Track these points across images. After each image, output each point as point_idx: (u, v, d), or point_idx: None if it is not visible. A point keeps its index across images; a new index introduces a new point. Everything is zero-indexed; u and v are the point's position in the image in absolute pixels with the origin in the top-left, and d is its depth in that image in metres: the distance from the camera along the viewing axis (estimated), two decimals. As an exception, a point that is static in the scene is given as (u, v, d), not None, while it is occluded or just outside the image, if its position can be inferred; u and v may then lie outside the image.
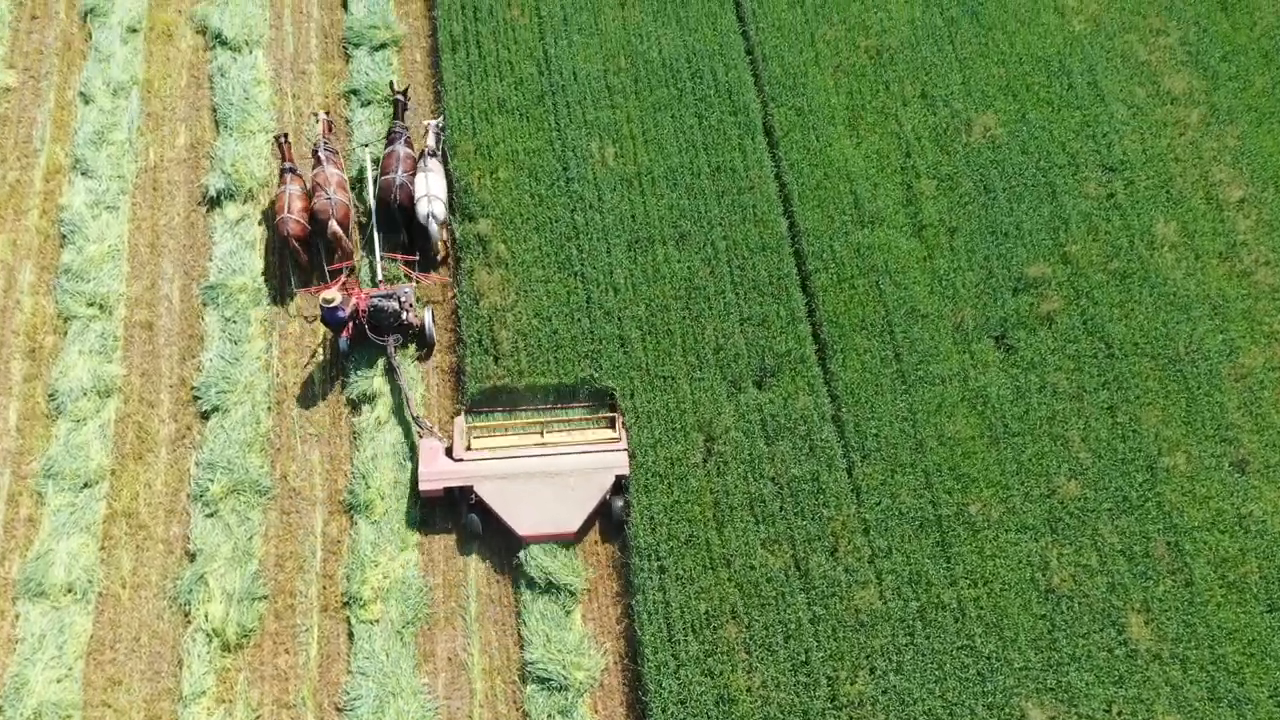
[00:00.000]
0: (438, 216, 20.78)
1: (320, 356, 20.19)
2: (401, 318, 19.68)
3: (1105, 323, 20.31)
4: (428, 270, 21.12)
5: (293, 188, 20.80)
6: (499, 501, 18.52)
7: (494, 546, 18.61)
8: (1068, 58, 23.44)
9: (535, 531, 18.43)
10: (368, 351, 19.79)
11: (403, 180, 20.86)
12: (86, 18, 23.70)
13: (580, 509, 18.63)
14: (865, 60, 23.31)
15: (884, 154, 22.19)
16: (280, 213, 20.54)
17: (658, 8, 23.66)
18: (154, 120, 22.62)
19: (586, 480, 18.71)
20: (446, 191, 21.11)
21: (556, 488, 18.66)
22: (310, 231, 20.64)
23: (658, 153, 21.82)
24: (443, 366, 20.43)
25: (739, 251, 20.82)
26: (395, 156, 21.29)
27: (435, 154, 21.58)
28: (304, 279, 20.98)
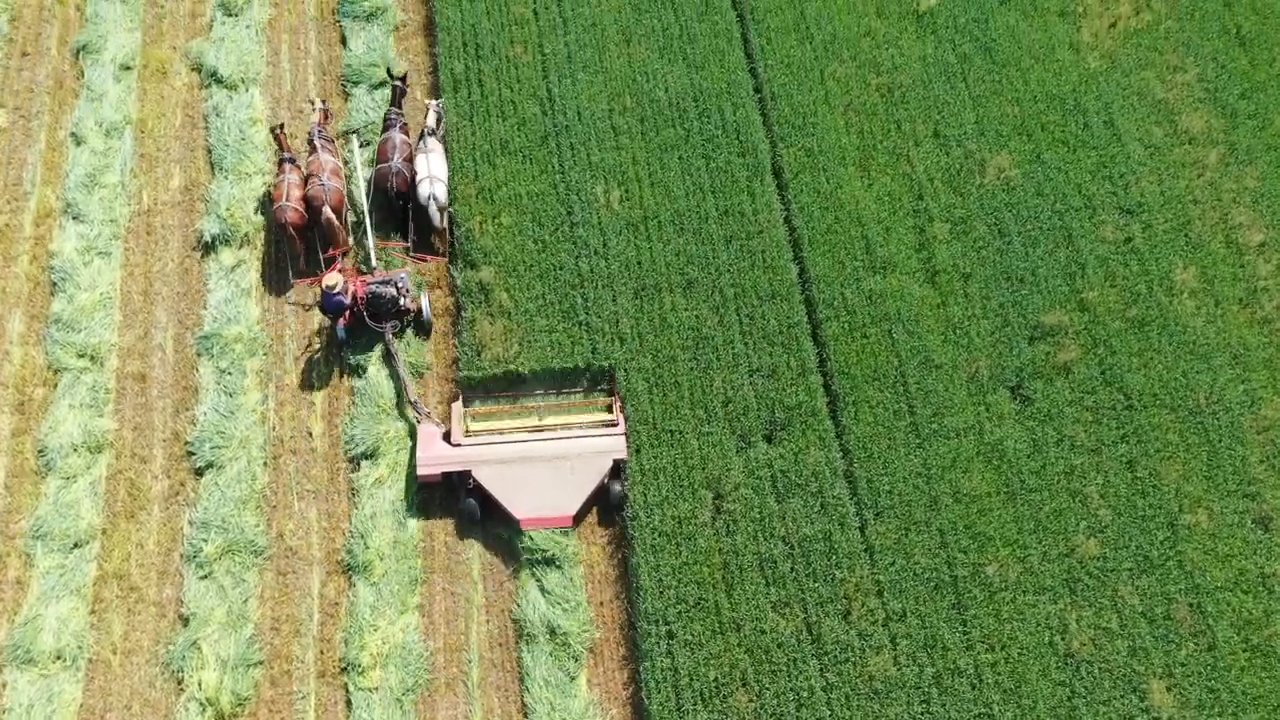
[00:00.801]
0: (439, 199, 20.80)
1: (318, 408, 19.76)
2: (399, 304, 19.91)
3: (1124, 373, 19.90)
4: (425, 253, 21.28)
5: (291, 177, 20.99)
6: (497, 486, 18.69)
7: (496, 609, 18.16)
8: (1083, 96, 23.06)
9: (533, 516, 18.56)
10: (368, 407, 19.36)
11: (399, 168, 20.93)
12: (79, 55, 23.32)
13: (578, 493, 18.76)
14: (876, 98, 22.92)
15: (896, 196, 21.80)
16: (278, 201, 20.67)
17: (664, 44, 23.29)
18: (147, 161, 22.22)
19: (584, 464, 18.89)
20: (447, 173, 21.23)
21: (555, 472, 18.83)
22: (308, 221, 20.78)
23: (664, 196, 21.44)
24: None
25: (748, 299, 20.42)
26: (391, 143, 21.28)
27: (435, 133, 21.55)
28: (302, 269, 21.13)
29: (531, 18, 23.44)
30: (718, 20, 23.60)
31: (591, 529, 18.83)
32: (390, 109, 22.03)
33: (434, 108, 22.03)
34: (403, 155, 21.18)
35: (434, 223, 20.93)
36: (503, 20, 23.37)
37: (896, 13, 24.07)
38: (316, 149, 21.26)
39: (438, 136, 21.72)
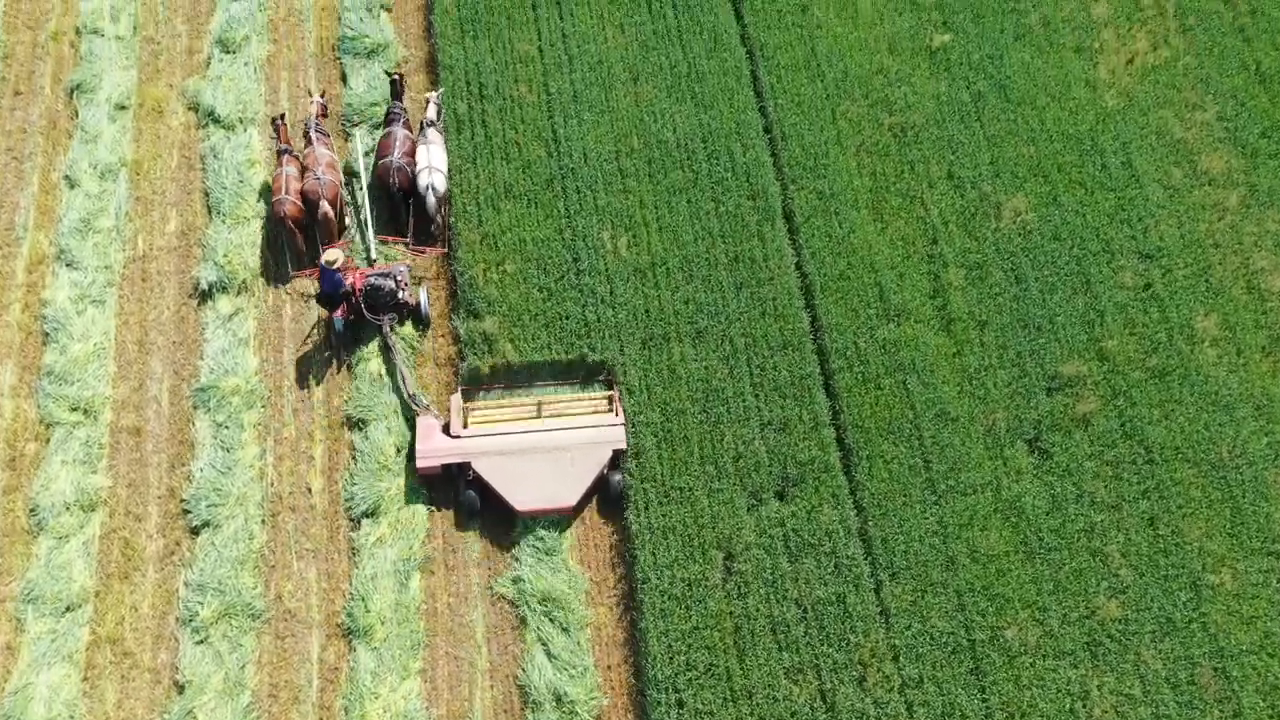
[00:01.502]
0: (437, 189, 20.81)
1: (318, 463, 19.33)
2: (397, 296, 20.02)
3: (1144, 425, 19.53)
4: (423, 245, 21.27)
5: (289, 169, 21.01)
6: (496, 477, 18.77)
7: (500, 674, 17.72)
8: (1100, 135, 22.68)
9: (533, 507, 18.66)
10: (369, 463, 18.93)
11: (401, 164, 20.96)
12: (73, 94, 22.88)
13: (578, 483, 18.84)
14: (889, 139, 22.53)
15: (910, 240, 21.41)
16: (277, 194, 20.67)
17: (671, 82, 22.88)
18: (143, 205, 21.80)
19: (584, 455, 19.00)
20: (446, 164, 21.29)
21: (554, 463, 18.92)
22: (307, 213, 20.78)
23: (672, 241, 21.04)
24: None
25: (759, 349, 20.01)
26: (393, 138, 21.31)
27: (435, 125, 21.59)
28: (300, 263, 21.18)
29: (536, 55, 23.04)
30: (726, 57, 23.20)
31: (600, 589, 18.40)
32: (392, 103, 22.10)
33: (434, 99, 22.09)
34: (404, 150, 21.22)
35: (429, 212, 20.97)
36: (507, 58, 22.96)
37: (909, 49, 23.68)
38: (312, 142, 21.33)
39: (437, 128, 21.79)
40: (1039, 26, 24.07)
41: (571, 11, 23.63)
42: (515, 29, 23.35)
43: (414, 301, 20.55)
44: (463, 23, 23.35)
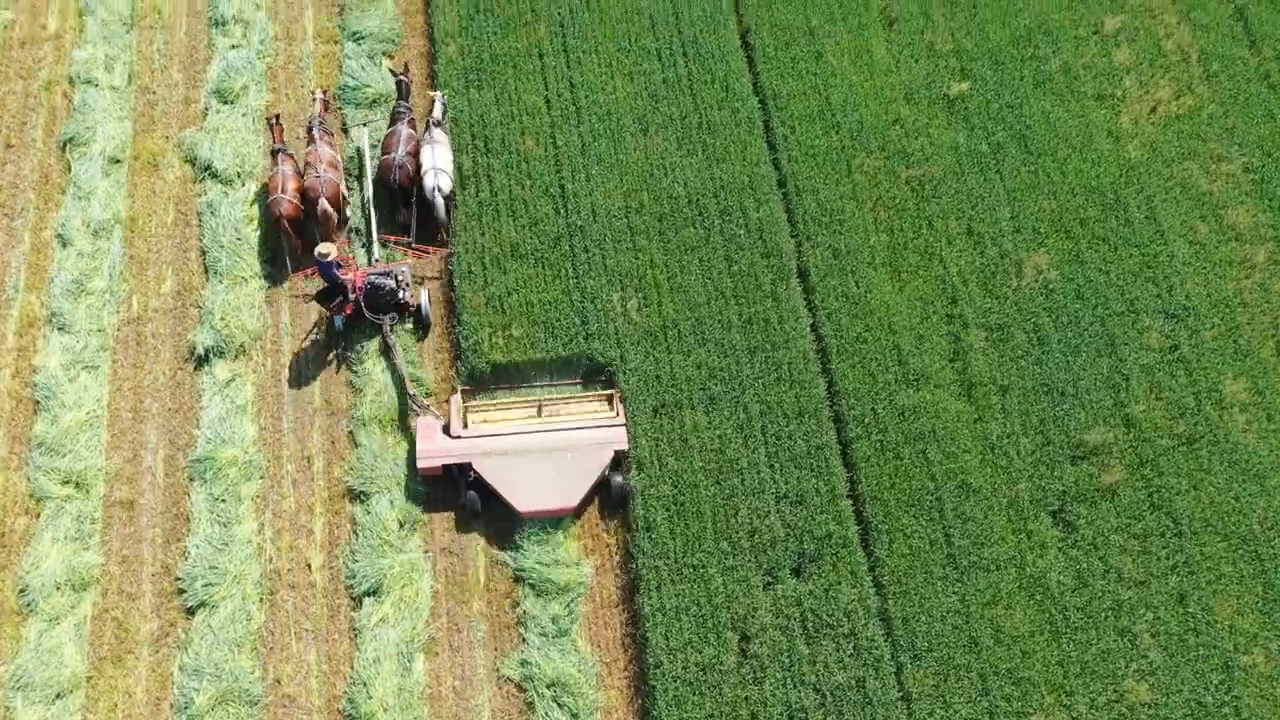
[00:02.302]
0: (443, 190, 20.78)
1: (317, 537, 18.80)
2: (398, 296, 20.09)
3: (1172, 496, 19.03)
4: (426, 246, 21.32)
5: (285, 168, 21.01)
6: (498, 478, 18.80)
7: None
8: (1123, 188, 22.17)
9: (534, 507, 18.66)
10: (370, 539, 18.40)
11: (403, 161, 21.00)
12: (65, 147, 22.36)
13: (580, 484, 18.84)
14: (906, 192, 22.01)
15: (928, 300, 20.89)
16: (273, 193, 20.66)
17: (682, 134, 22.38)
18: (137, 264, 21.27)
19: (585, 456, 19.03)
20: (452, 164, 21.36)
21: (555, 463, 18.94)
22: (304, 213, 20.76)
23: (684, 303, 20.53)
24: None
25: (774, 417, 19.50)
26: (398, 136, 21.40)
27: (440, 125, 21.66)
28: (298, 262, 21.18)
29: (543, 106, 22.52)
30: (739, 107, 22.69)
31: (611, 671, 17.88)
32: (397, 102, 22.21)
33: (438, 99, 22.05)
34: (408, 149, 21.27)
35: (438, 214, 20.91)
36: (513, 110, 22.45)
37: (926, 98, 23.16)
38: (315, 140, 21.32)
39: (443, 128, 21.81)
40: (1059, 74, 23.55)
41: (579, 59, 23.12)
42: (521, 78, 22.84)
43: (415, 302, 20.63)
44: (467, 72, 22.84)
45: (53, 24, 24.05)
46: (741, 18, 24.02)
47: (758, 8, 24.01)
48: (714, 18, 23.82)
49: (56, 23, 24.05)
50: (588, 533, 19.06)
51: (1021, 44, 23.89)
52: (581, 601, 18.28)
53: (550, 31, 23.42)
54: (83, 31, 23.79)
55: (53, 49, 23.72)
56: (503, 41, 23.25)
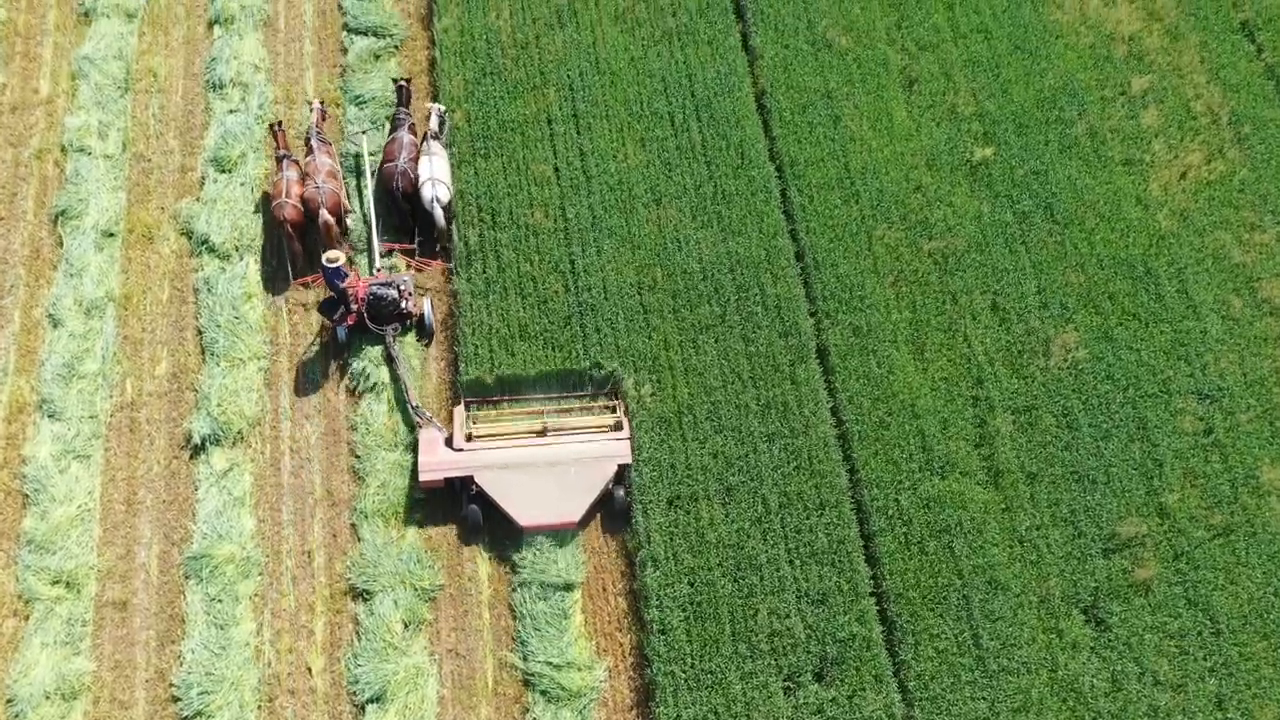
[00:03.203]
0: (441, 200, 20.81)
1: (318, 638, 18.14)
2: (401, 306, 20.20)
3: (1209, 591, 18.44)
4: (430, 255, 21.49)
5: (289, 174, 21.14)
6: (500, 491, 18.77)
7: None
8: (1154, 260, 21.55)
9: (537, 522, 18.65)
10: (374, 641, 17.75)
11: (404, 168, 21.12)
12: (57, 220, 21.69)
13: (582, 498, 18.81)
14: (929, 266, 21.39)
15: (953, 381, 20.25)
16: (277, 198, 20.77)
17: (696, 204, 21.75)
18: (131, 345, 20.63)
19: (588, 469, 18.99)
20: (449, 175, 21.39)
21: (558, 477, 18.93)
22: (307, 218, 20.89)
23: (699, 387, 19.90)
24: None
25: (794, 510, 18.86)
26: (399, 143, 21.49)
27: (438, 137, 21.68)
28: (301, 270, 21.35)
29: (552, 176, 21.90)
30: (755, 175, 22.06)
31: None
32: (398, 109, 22.32)
33: (436, 111, 22.11)
34: (409, 155, 21.35)
35: (438, 224, 20.96)
36: (521, 179, 21.82)
37: (949, 164, 22.53)
38: (313, 150, 21.41)
39: (441, 140, 21.82)
40: (1085, 138, 22.93)
41: (589, 125, 22.50)
42: (529, 146, 22.20)
43: (418, 312, 20.66)
44: (473, 140, 22.22)
45: (45, 88, 23.40)
46: (757, 79, 23.40)
47: (773, 69, 23.39)
48: (728, 79, 23.20)
49: (48, 87, 23.41)
50: (600, 631, 18.44)
51: (1046, 106, 23.27)
52: (594, 708, 17.63)
53: (559, 96, 22.79)
54: (75, 96, 23.12)
55: (44, 114, 23.07)
56: (510, 107, 22.62)
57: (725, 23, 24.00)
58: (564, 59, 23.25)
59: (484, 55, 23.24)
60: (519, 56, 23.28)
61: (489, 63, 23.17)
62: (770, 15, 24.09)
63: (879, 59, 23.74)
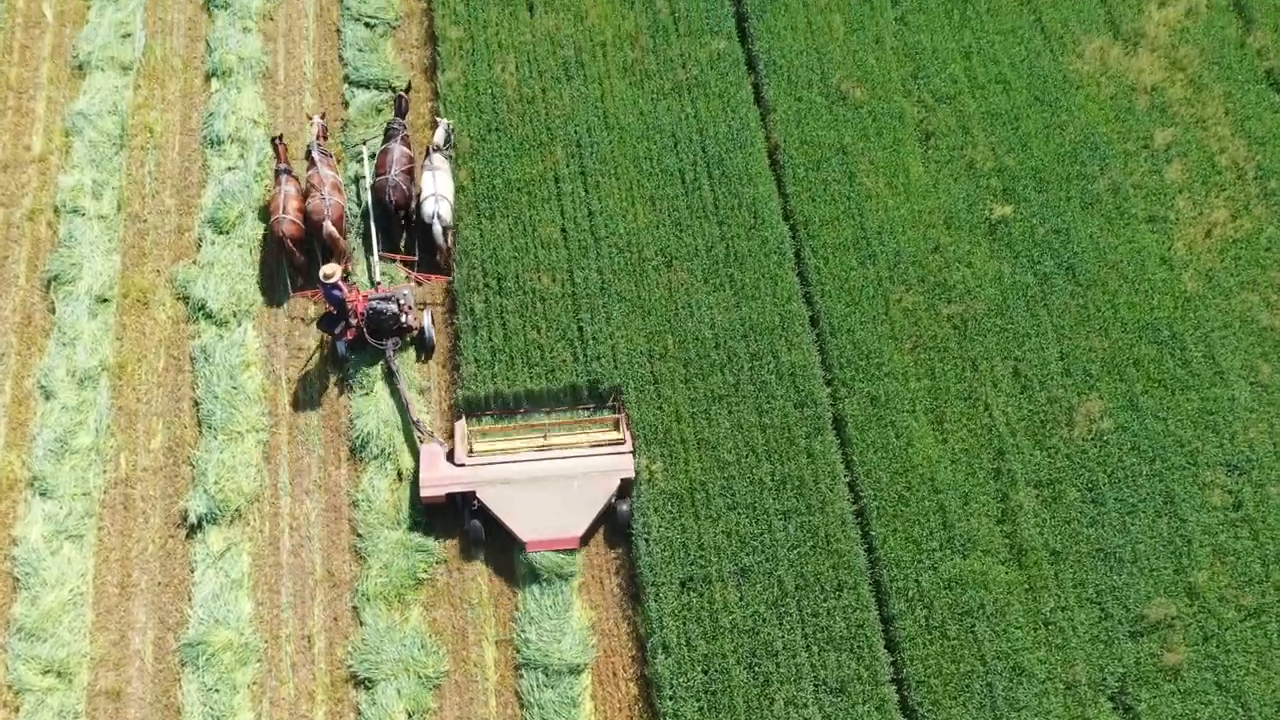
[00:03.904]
0: (443, 217, 20.75)
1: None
2: (401, 320, 20.13)
3: (1240, 677, 17.94)
4: (430, 271, 21.36)
5: (288, 188, 21.14)
6: (502, 507, 18.78)
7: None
8: (1179, 324, 21.01)
9: (539, 538, 18.59)
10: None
11: (396, 180, 21.02)
12: (50, 286, 21.18)
13: (585, 514, 18.76)
14: (948, 331, 20.88)
15: (973, 453, 19.74)
16: (275, 213, 20.79)
17: (708, 267, 21.26)
18: (126, 416, 20.13)
19: (591, 484, 18.95)
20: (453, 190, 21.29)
21: (560, 492, 18.92)
22: (306, 233, 20.98)
23: (712, 461, 19.40)
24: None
25: (811, 592, 18.36)
26: (391, 155, 21.40)
27: (442, 150, 21.58)
28: (299, 282, 21.41)
29: (560, 238, 21.40)
30: (768, 236, 21.55)
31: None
32: (393, 119, 22.22)
33: (442, 124, 21.93)
34: (402, 168, 21.29)
35: (438, 241, 20.85)
36: (528, 242, 21.33)
37: (967, 223, 22.01)
38: (316, 163, 21.42)
39: (444, 153, 21.67)
40: (1108, 194, 22.39)
41: (598, 183, 22.00)
42: (536, 206, 21.70)
43: (418, 325, 20.62)
44: (479, 201, 21.71)
45: (37, 145, 22.92)
46: (769, 134, 22.90)
47: (786, 123, 22.88)
48: (740, 135, 22.70)
49: (41, 144, 22.93)
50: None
51: (1066, 161, 22.74)
52: (605, 803, 17.13)
53: (567, 153, 22.29)
54: (69, 153, 22.64)
55: (37, 173, 22.59)
56: (516, 165, 22.12)
57: (736, 74, 23.49)
58: (571, 114, 22.76)
59: (489, 110, 22.74)
60: (525, 112, 22.78)
61: (494, 118, 22.67)
62: (783, 66, 23.58)
63: (895, 112, 23.23)
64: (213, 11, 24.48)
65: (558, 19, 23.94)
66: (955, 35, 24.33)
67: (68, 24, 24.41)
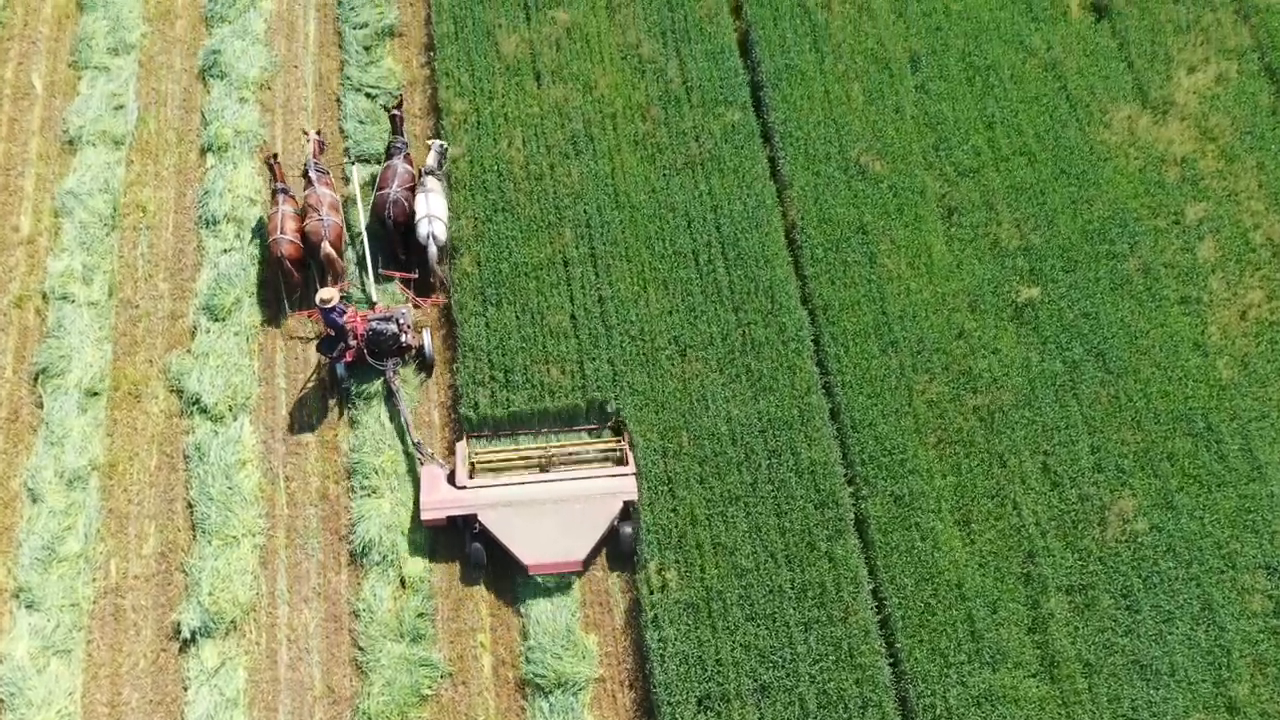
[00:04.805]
0: (438, 238, 20.85)
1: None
2: (400, 340, 20.25)
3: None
4: (425, 294, 21.48)
5: (285, 208, 21.23)
6: (504, 530, 18.75)
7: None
8: (1214, 414, 20.34)
9: (542, 561, 18.58)
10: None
11: (398, 196, 21.14)
12: (38, 379, 20.47)
13: (587, 537, 18.75)
14: (974, 424, 20.20)
15: (1002, 556, 19.06)
16: (273, 233, 20.88)
17: (723, 356, 20.63)
18: (116, 520, 19.44)
19: (593, 507, 18.94)
20: (447, 212, 21.37)
21: (563, 515, 18.88)
22: (304, 252, 21.06)
23: (729, 568, 18.75)
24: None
25: (834, 711, 17.76)
26: (393, 171, 21.51)
27: (435, 173, 21.62)
28: (297, 302, 21.38)
29: (569, 326, 20.75)
30: (786, 322, 20.87)
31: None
32: (393, 137, 22.30)
33: (435, 146, 22.06)
34: (403, 184, 21.39)
35: (432, 263, 20.98)
36: (535, 331, 20.69)
37: (993, 305, 21.33)
38: (313, 182, 21.47)
39: (438, 175, 21.74)
40: (1138, 274, 21.72)
41: (608, 266, 21.35)
42: (544, 292, 21.01)
43: (417, 344, 20.74)
44: (484, 287, 21.03)
45: (25, 226, 22.22)
46: (786, 211, 22.24)
47: (804, 199, 22.22)
48: (756, 212, 22.03)
49: (30, 225, 22.23)
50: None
51: (1095, 238, 22.06)
52: None
53: (576, 234, 21.62)
54: (58, 235, 21.95)
55: (25, 256, 21.89)
56: (524, 248, 21.44)
57: (752, 147, 22.82)
58: (581, 192, 22.08)
59: (495, 189, 22.06)
60: (533, 190, 22.10)
61: (500, 197, 21.99)
62: (799, 138, 22.92)
63: (916, 186, 22.57)
64: (208, 81, 23.81)
65: (566, 89, 23.27)
66: (977, 103, 23.67)
67: (57, 95, 23.72)
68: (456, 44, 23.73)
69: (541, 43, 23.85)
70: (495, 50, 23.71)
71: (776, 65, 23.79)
